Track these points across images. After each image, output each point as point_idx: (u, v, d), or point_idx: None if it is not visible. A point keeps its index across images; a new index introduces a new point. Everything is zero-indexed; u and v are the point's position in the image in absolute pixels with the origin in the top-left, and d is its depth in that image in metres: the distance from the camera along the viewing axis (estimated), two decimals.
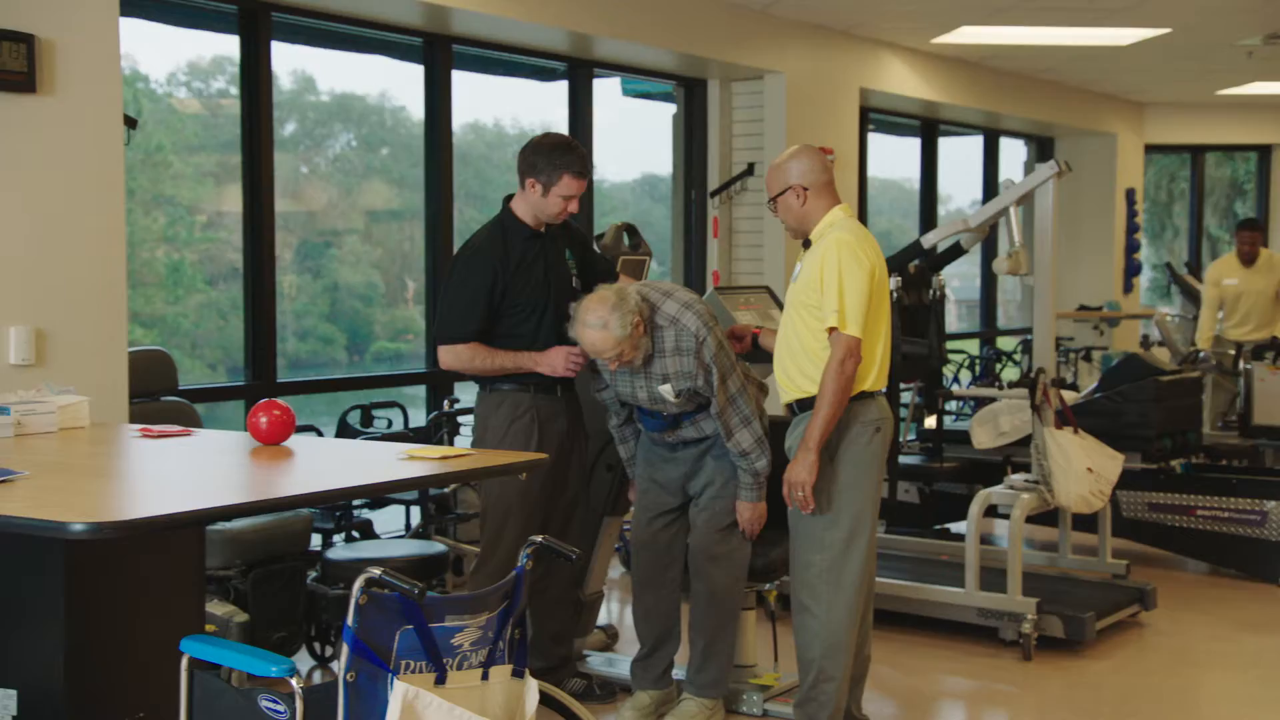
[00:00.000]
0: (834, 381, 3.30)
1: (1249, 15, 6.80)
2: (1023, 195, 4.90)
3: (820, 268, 3.34)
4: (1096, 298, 9.60)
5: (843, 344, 3.29)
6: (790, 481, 3.36)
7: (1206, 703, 4.19)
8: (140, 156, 5.28)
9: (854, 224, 3.49)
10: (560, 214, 3.76)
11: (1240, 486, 5.68)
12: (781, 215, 3.57)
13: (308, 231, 6.14)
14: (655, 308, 3.56)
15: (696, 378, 3.56)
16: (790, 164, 3.53)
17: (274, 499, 2.48)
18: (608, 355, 3.49)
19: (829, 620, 3.41)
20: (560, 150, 3.69)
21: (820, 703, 3.43)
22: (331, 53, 5.70)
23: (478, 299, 3.65)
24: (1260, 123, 10.17)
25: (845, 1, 6.40)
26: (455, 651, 2.22)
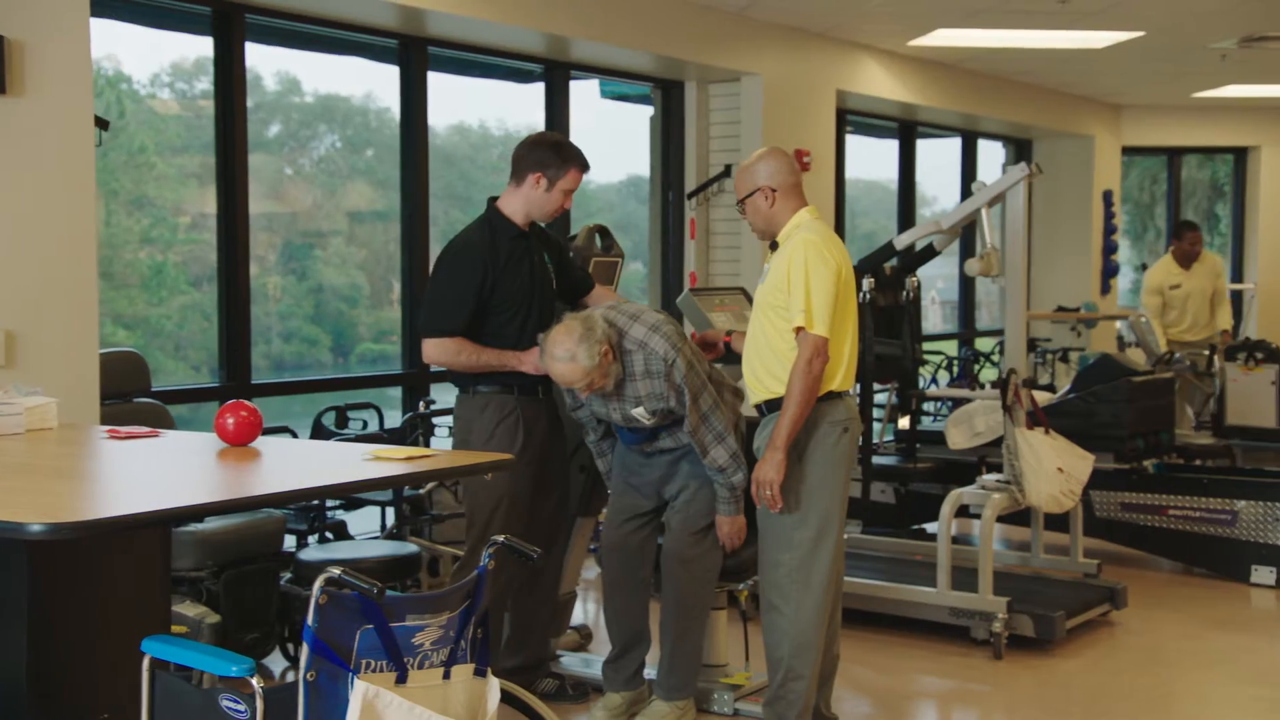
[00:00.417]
0: (801, 381, 3.32)
1: (1221, 18, 6.86)
2: (994, 197, 4.92)
3: (787, 268, 3.37)
4: (1074, 299, 9.64)
5: (810, 343, 3.32)
6: (758, 480, 3.38)
7: (1175, 701, 4.22)
8: (123, 158, 5.28)
9: (821, 225, 3.51)
10: (557, 210, 3.82)
11: (1211, 486, 5.73)
12: (750, 217, 3.59)
13: (292, 233, 6.14)
14: (623, 332, 3.58)
15: (669, 398, 3.59)
16: (758, 166, 3.56)
17: (235, 499, 2.49)
18: (578, 385, 3.53)
19: (797, 619, 3.43)
20: (565, 146, 3.82)
21: (789, 701, 3.45)
22: (307, 54, 5.70)
23: (467, 294, 3.67)
24: (1237, 125, 10.25)
25: (821, 4, 6.43)
26: (416, 651, 2.23)
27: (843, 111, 7.85)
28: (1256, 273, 10.40)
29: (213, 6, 4.86)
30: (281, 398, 5.47)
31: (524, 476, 3.78)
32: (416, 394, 5.68)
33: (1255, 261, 10.46)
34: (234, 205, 4.97)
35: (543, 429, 3.83)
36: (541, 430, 3.82)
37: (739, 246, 6.88)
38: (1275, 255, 10.44)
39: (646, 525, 3.89)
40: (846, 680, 4.32)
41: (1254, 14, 6.76)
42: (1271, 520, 5.54)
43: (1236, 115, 10.17)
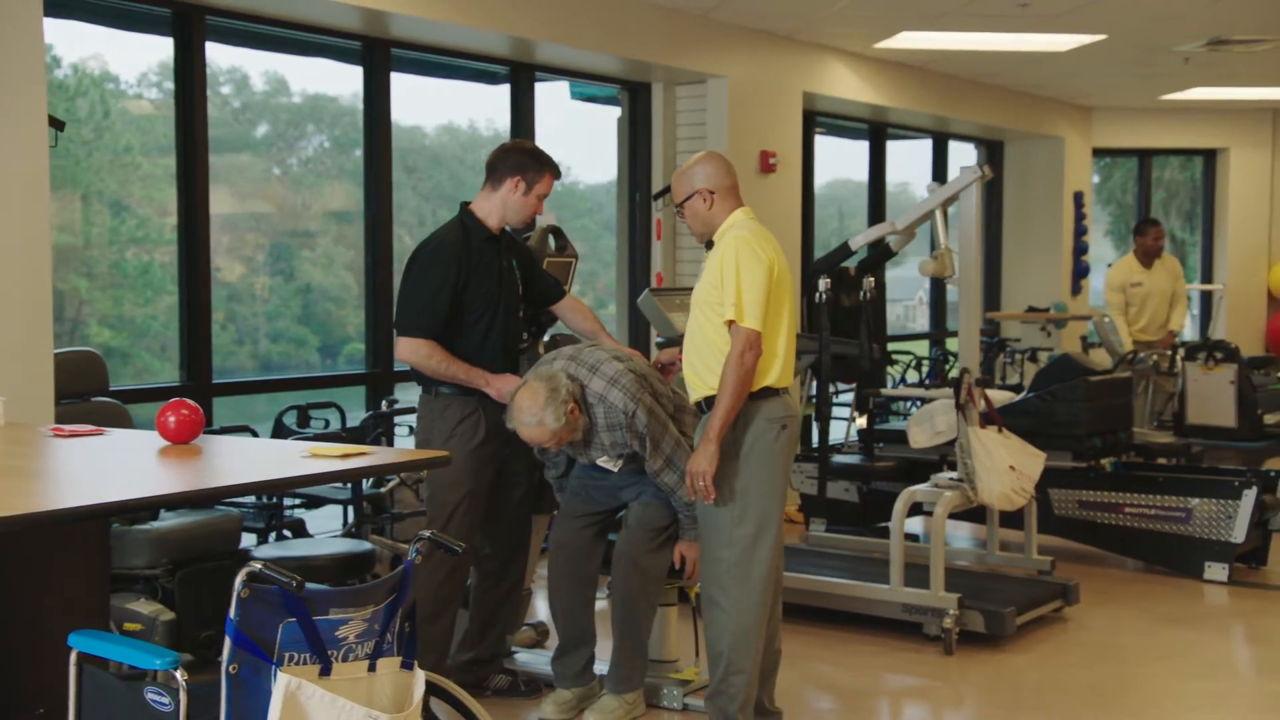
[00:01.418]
0: (734, 373, 3.37)
1: (1183, 22, 6.93)
2: (948, 198, 4.98)
3: (720, 265, 3.42)
4: (1045, 299, 9.72)
5: (742, 336, 3.37)
6: (691, 471, 3.43)
7: (1122, 694, 4.28)
8: (108, 158, 5.30)
9: (754, 224, 3.57)
10: (531, 214, 3.93)
11: (1166, 484, 5.79)
12: (689, 220, 3.65)
13: (279, 233, 6.16)
14: (584, 386, 3.68)
15: (632, 444, 3.73)
16: (696, 169, 3.62)
17: (165, 495, 2.52)
18: (548, 445, 3.66)
19: (738, 614, 3.47)
20: (542, 152, 3.93)
21: (730, 695, 3.50)
22: (272, 55, 5.73)
23: (441, 293, 3.74)
24: (1206, 127, 10.34)
25: (785, 6, 6.48)
26: (340, 644, 2.27)
27: (812, 113, 7.91)
28: (1225, 273, 10.49)
29: (173, 8, 4.88)
30: (262, 395, 5.49)
31: (485, 474, 3.85)
32: (380, 393, 5.71)
33: (1225, 262, 10.55)
34: (194, 206, 4.99)
35: (505, 427, 3.86)
36: (504, 429, 3.85)
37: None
38: (1243, 256, 10.53)
39: (597, 524, 3.95)
40: (799, 675, 4.38)
41: (1214, 18, 6.84)
42: (1224, 518, 5.61)
43: (1205, 117, 10.25)
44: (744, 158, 6.92)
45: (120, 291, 5.39)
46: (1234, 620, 5.28)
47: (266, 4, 5.07)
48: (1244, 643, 5.08)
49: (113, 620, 3.85)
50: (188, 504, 3.77)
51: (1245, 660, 4.90)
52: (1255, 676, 4.67)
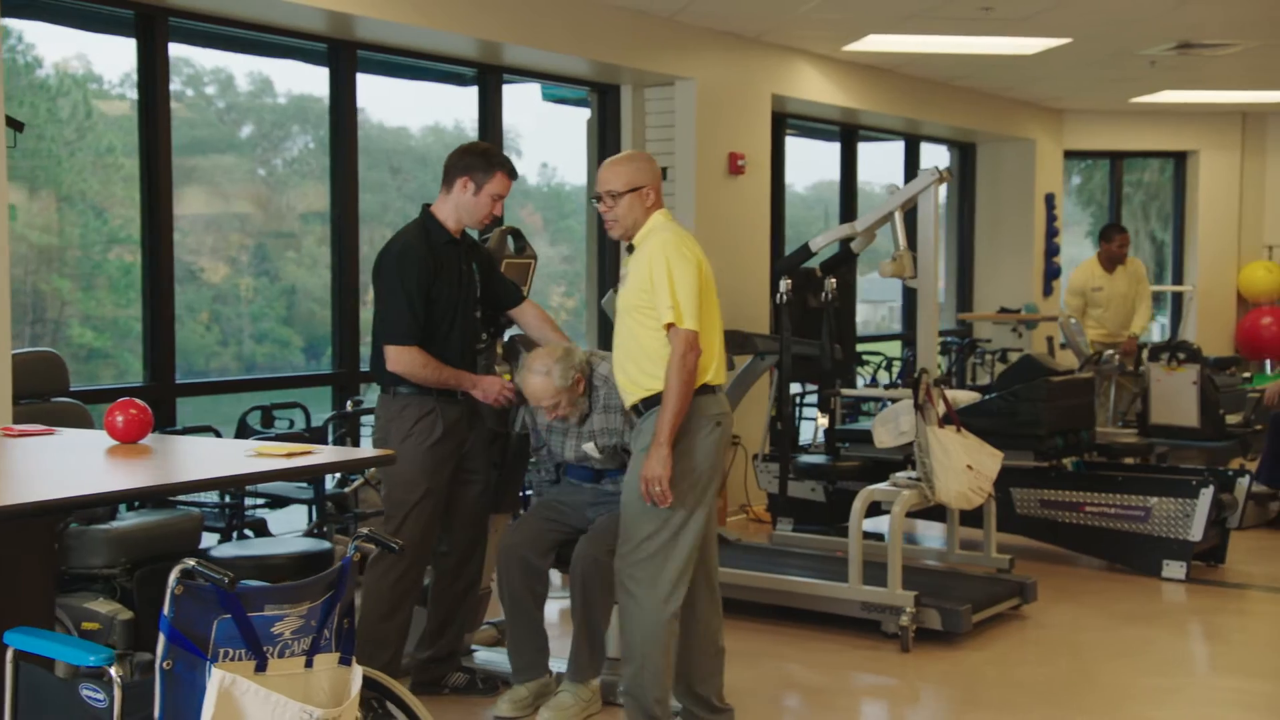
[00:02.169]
0: (678, 375, 3.40)
1: (1147, 26, 7.00)
2: (907, 200, 5.03)
3: (649, 269, 3.45)
4: (1016, 300, 9.78)
5: (682, 338, 3.40)
6: (646, 477, 3.44)
7: (1074, 690, 4.32)
8: (91, 158, 5.30)
9: (676, 225, 3.60)
10: (486, 216, 3.90)
11: (1126, 483, 5.86)
12: (619, 213, 3.57)
13: (264, 234, 6.17)
14: (593, 368, 3.92)
15: (623, 434, 3.86)
16: (643, 165, 3.63)
17: (104, 493, 2.54)
18: (545, 403, 3.82)
19: (651, 607, 3.48)
20: (494, 153, 3.96)
21: (645, 687, 3.51)
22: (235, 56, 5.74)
23: (417, 296, 3.77)
24: (1176, 130, 10.42)
25: (752, 9, 6.53)
26: (276, 640, 2.30)
27: (782, 115, 7.95)
28: (1196, 275, 10.58)
29: (135, 10, 4.90)
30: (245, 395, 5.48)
31: (442, 473, 3.88)
32: (346, 393, 5.74)
33: (1195, 264, 10.64)
34: (158, 207, 5.00)
35: (462, 426, 3.93)
36: (461, 427, 3.91)
37: None
38: (1213, 258, 10.62)
39: (556, 530, 4.01)
40: (758, 672, 4.42)
41: (1178, 22, 6.90)
42: (1182, 516, 5.67)
43: (1175, 120, 10.34)
44: (712, 159, 6.97)
45: (102, 292, 5.40)
46: (1191, 617, 5.34)
47: (231, 5, 5.09)
48: (1199, 639, 5.14)
49: (70, 619, 3.88)
50: (124, 501, 3.77)
51: (1200, 657, 4.96)
52: (1209, 672, 4.73)
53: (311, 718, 2.27)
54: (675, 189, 6.94)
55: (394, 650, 3.85)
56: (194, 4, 4.99)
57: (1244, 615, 5.33)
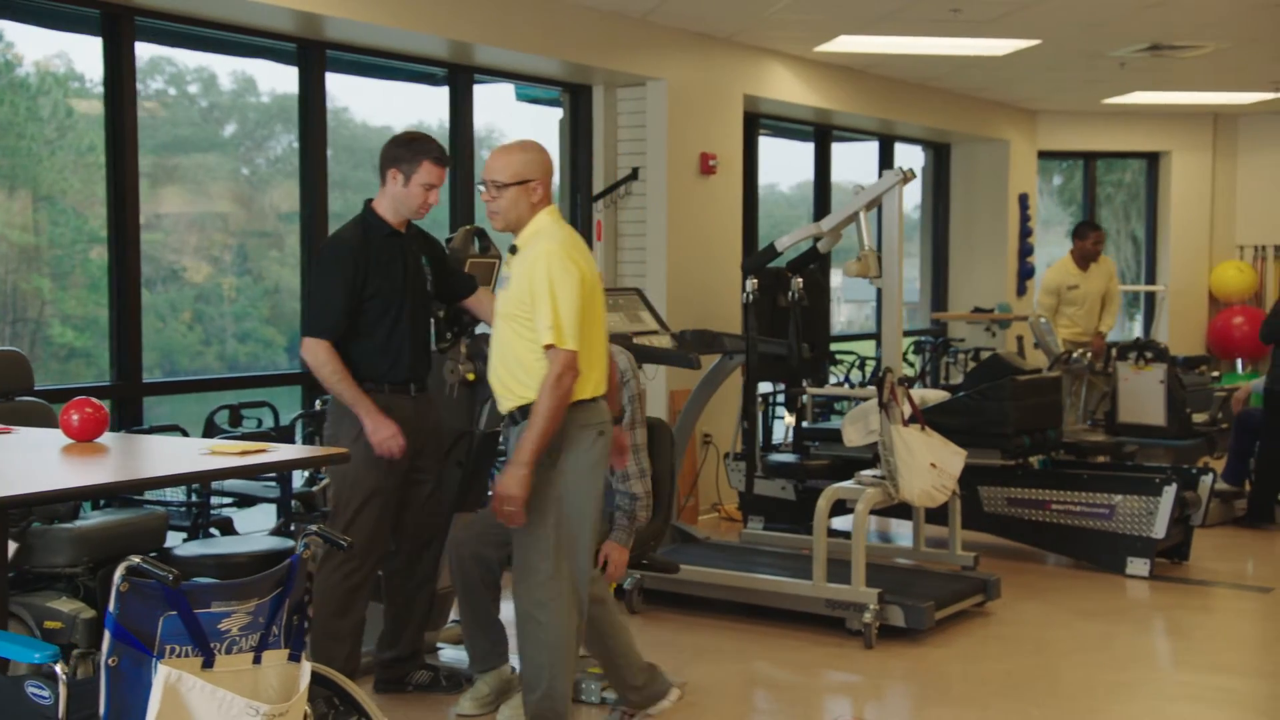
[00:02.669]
0: (550, 398, 3.27)
1: (1115, 27, 7.05)
2: (871, 201, 5.06)
3: (530, 281, 3.32)
4: (990, 300, 9.85)
5: (560, 359, 3.27)
6: (500, 494, 3.31)
7: (1034, 684, 4.36)
8: (72, 157, 5.29)
9: (563, 229, 3.47)
10: (422, 206, 3.83)
11: (1091, 481, 5.91)
12: (503, 203, 3.41)
13: (248, 233, 6.17)
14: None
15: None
16: (535, 156, 3.45)
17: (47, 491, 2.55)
18: None
19: (556, 626, 3.41)
20: (420, 140, 3.85)
21: (556, 709, 3.46)
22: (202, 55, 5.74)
23: (340, 292, 3.73)
24: (1148, 130, 10.50)
25: (722, 10, 6.56)
26: (223, 636, 2.32)
27: (755, 115, 7.99)
28: (1168, 275, 10.66)
29: (100, 9, 4.90)
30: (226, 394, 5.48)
31: (393, 471, 3.87)
32: (316, 393, 5.74)
33: (1167, 264, 10.73)
34: (124, 207, 5.00)
35: (413, 424, 3.91)
36: (411, 425, 3.90)
37: (644, 249, 7.00)
38: (1185, 258, 10.71)
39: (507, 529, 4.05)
40: (721, 670, 4.46)
41: (1147, 24, 6.96)
42: (1146, 514, 5.73)
43: (1148, 121, 10.42)
44: (684, 159, 7.00)
45: (82, 291, 5.39)
46: (1153, 614, 5.39)
47: (199, 5, 5.09)
48: (1160, 635, 5.20)
49: (32, 618, 3.88)
50: (66, 499, 3.77)
51: (1159, 652, 5.01)
52: (1169, 668, 4.78)
53: (258, 713, 2.28)
54: (647, 189, 6.96)
55: (349, 647, 3.86)
56: (161, 3, 4.99)
57: (1206, 611, 5.39)
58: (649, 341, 5.41)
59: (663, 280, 6.91)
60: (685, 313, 6.83)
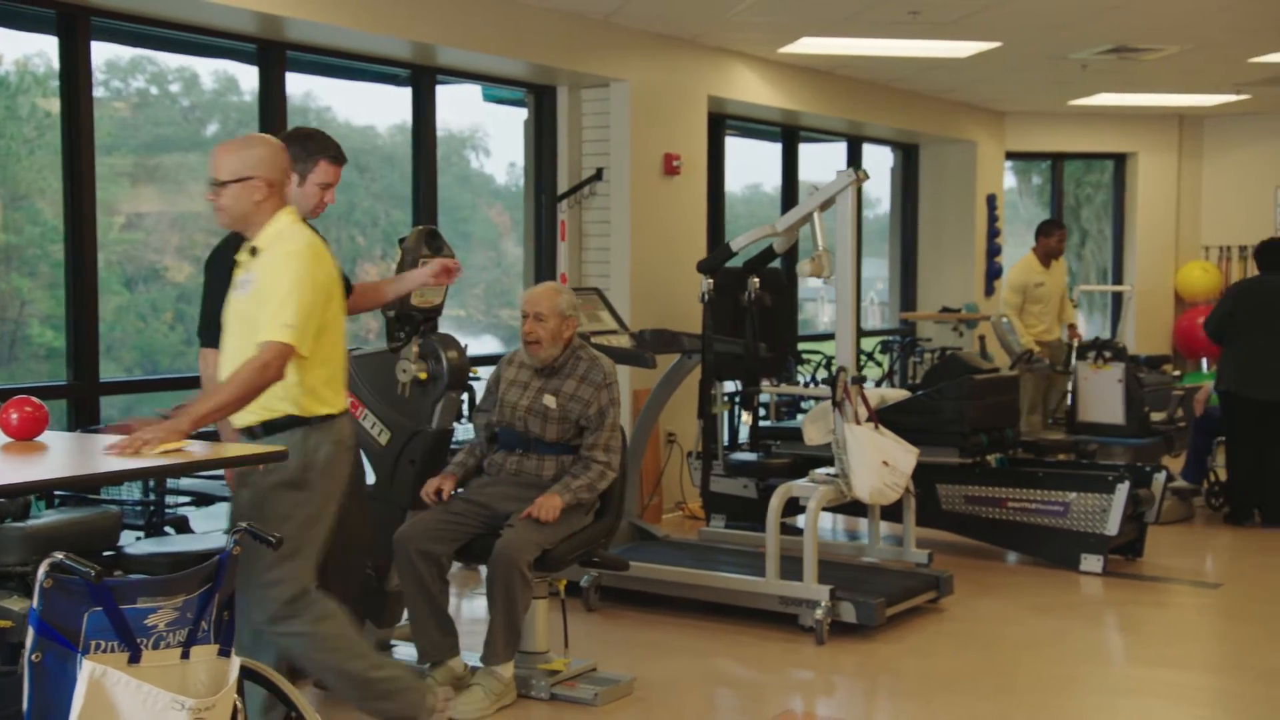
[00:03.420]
0: (250, 375, 3.06)
1: (1075, 29, 7.12)
2: (825, 201, 5.11)
3: (271, 283, 3.17)
4: (958, 300, 9.92)
5: (274, 349, 3.09)
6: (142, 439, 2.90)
7: (981, 679, 4.40)
8: (50, 157, 5.28)
9: (305, 233, 3.30)
10: (317, 206, 3.66)
11: (1046, 479, 5.97)
12: (225, 201, 3.24)
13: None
14: (585, 343, 4.35)
15: (588, 407, 4.12)
16: (260, 150, 3.26)
17: None
18: (542, 307, 4.19)
19: (323, 626, 3.26)
20: (315, 137, 3.67)
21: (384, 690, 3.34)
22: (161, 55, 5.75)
23: (217, 297, 3.51)
24: (1115, 132, 10.59)
25: (684, 11, 6.60)
26: (150, 632, 2.35)
27: (722, 116, 8.03)
28: (1134, 275, 10.75)
29: (56, 9, 4.90)
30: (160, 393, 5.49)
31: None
32: None
33: (1133, 264, 10.82)
34: (81, 207, 5.01)
35: None
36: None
37: (608, 249, 7.04)
38: (1151, 258, 10.80)
39: (459, 527, 4.09)
40: (674, 666, 4.49)
41: (1106, 26, 7.03)
42: (1099, 511, 5.80)
43: (1114, 123, 10.51)
44: (647, 160, 7.04)
45: (61, 291, 5.39)
46: (1104, 609, 5.46)
47: (156, 5, 5.10)
48: (1110, 630, 5.26)
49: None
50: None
51: (1109, 647, 5.07)
52: (1116, 662, 4.84)
53: (183, 707, 2.31)
54: (610, 189, 7.00)
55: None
56: (117, 4, 5.00)
57: (1156, 607, 5.45)
58: (607, 341, 5.45)
59: (626, 280, 6.95)
60: (649, 312, 6.87)
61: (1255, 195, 10.61)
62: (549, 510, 4.01)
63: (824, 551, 5.42)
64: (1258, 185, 10.59)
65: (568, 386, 4.21)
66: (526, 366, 4.32)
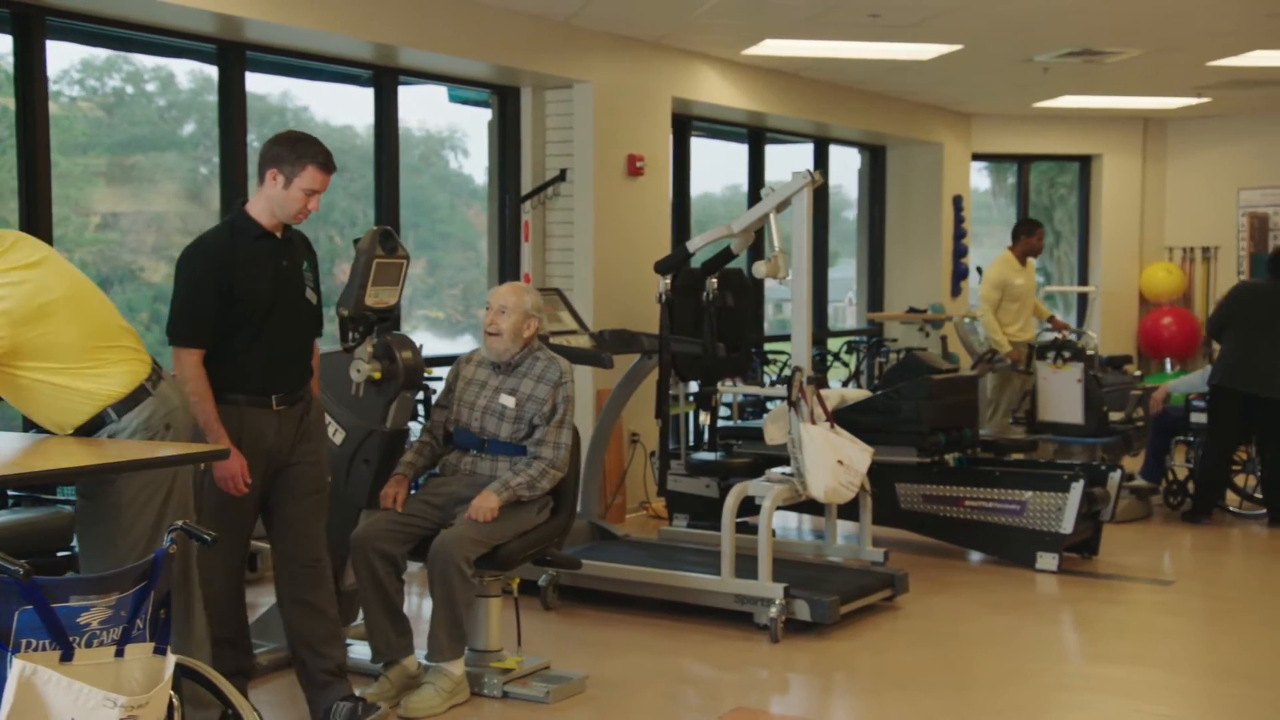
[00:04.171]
0: None
1: (1035, 33, 7.19)
2: (781, 202, 5.14)
3: None
4: (925, 301, 10.00)
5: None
6: None
7: (935, 675, 4.44)
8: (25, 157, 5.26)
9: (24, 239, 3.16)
10: (300, 211, 3.63)
11: (1003, 478, 6.04)
12: None
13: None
14: (543, 344, 4.39)
15: (543, 407, 4.14)
16: None
17: None
18: (508, 302, 4.24)
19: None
20: (306, 141, 3.64)
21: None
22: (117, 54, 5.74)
23: (200, 296, 3.53)
24: (1079, 134, 10.69)
25: (645, 13, 6.63)
26: (83, 630, 2.36)
27: (687, 118, 8.07)
28: (1099, 276, 10.85)
29: (10, 8, 4.89)
30: None
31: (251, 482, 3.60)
32: None
33: (1098, 265, 10.91)
34: (37, 208, 5.00)
35: (271, 441, 3.66)
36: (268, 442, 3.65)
37: (572, 249, 7.06)
38: (1116, 259, 10.90)
39: (414, 527, 4.11)
40: (624, 663, 4.52)
41: (1066, 29, 7.10)
42: (1055, 510, 5.86)
43: (1079, 125, 10.60)
44: (610, 161, 7.07)
45: None
46: (1058, 606, 5.52)
47: (113, 5, 5.09)
48: (1062, 627, 5.32)
49: None
50: None
51: (1060, 643, 5.12)
52: (1065, 658, 4.88)
53: (115, 705, 2.33)
54: (574, 190, 7.03)
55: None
56: (74, 4, 5.00)
57: (1110, 604, 5.52)
58: (567, 341, 5.48)
59: (589, 281, 6.97)
60: (612, 313, 6.90)
61: (1218, 197, 10.73)
62: (484, 512, 4.04)
63: (781, 550, 5.47)
64: (1220, 187, 10.71)
65: (525, 386, 4.24)
66: (485, 365, 4.34)
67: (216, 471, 3.53)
